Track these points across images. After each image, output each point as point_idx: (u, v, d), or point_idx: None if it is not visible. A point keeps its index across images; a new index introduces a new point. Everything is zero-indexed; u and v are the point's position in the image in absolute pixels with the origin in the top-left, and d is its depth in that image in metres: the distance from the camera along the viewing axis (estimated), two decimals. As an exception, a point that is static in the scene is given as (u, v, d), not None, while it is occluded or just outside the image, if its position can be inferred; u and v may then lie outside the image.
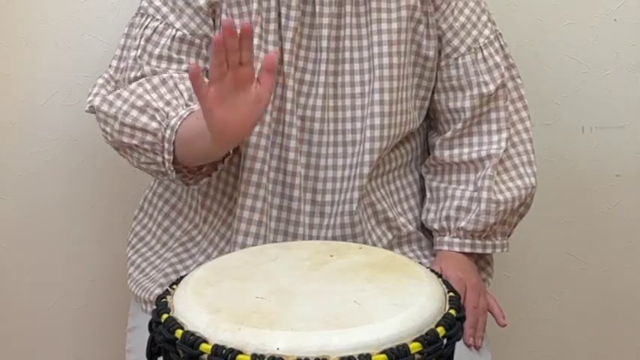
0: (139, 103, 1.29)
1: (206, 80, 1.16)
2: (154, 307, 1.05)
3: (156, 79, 1.31)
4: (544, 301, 1.84)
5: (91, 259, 1.74)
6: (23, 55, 1.66)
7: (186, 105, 1.28)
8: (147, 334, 1.05)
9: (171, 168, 1.28)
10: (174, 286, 1.09)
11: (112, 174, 1.71)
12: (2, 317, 1.75)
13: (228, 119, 1.16)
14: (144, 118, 1.28)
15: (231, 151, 1.30)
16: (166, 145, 1.26)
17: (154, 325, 1.04)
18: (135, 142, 1.29)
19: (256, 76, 1.17)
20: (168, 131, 1.26)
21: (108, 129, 1.32)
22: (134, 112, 1.29)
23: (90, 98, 1.35)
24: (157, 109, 1.28)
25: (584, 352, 1.86)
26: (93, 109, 1.34)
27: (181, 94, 1.29)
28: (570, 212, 1.80)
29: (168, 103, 1.28)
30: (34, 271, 1.74)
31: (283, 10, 1.34)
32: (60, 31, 1.65)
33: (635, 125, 1.75)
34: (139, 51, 1.34)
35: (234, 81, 1.15)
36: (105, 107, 1.32)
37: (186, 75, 1.31)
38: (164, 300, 1.06)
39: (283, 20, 1.34)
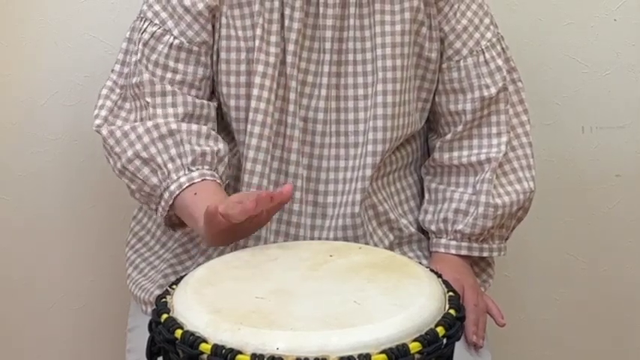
0: (144, 154, 1.31)
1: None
2: (154, 307, 1.05)
3: (164, 129, 1.31)
4: (544, 301, 1.84)
5: (91, 259, 1.74)
6: (23, 55, 1.66)
7: (188, 169, 1.29)
8: (147, 334, 1.05)
9: (162, 221, 1.34)
10: (174, 286, 1.09)
11: (112, 174, 1.70)
12: (2, 317, 1.75)
13: (224, 241, 1.23)
14: (146, 170, 1.31)
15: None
16: (162, 204, 1.30)
17: (153, 325, 1.04)
18: (133, 186, 1.33)
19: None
20: (167, 194, 1.29)
21: (111, 162, 1.36)
22: (137, 162, 1.31)
23: (96, 112, 1.37)
24: (159, 166, 1.30)
25: (583, 352, 1.86)
26: (96, 130, 1.37)
27: (185, 154, 1.30)
28: (570, 212, 1.80)
29: (171, 160, 1.30)
30: (34, 271, 1.74)
31: (287, 11, 1.34)
32: (60, 31, 1.66)
33: (635, 125, 1.76)
34: (139, 55, 1.35)
35: (249, 226, 1.17)
36: (111, 142, 1.34)
37: (194, 128, 1.32)
38: (164, 300, 1.06)
39: (287, 21, 1.34)
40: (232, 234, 1.19)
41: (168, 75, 1.34)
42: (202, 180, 1.28)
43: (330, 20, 1.35)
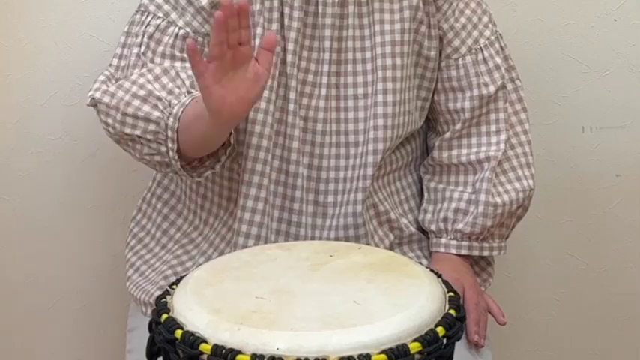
0: (141, 92, 1.28)
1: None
2: (154, 307, 1.05)
3: (157, 69, 1.30)
4: (544, 301, 1.84)
5: (91, 259, 1.74)
6: (23, 55, 1.66)
7: (188, 92, 1.27)
8: (147, 335, 1.05)
9: (176, 157, 1.26)
10: (174, 286, 1.09)
11: (111, 174, 1.71)
12: (2, 317, 1.75)
13: (225, 97, 1.15)
14: (146, 107, 1.27)
15: (232, 141, 1.30)
16: (169, 134, 1.25)
17: (153, 325, 1.04)
18: (137, 132, 1.28)
19: (255, 54, 1.17)
20: (171, 119, 1.25)
21: (110, 120, 1.31)
22: (136, 102, 1.28)
23: (90, 93, 1.35)
24: (159, 98, 1.27)
25: (584, 352, 1.86)
26: (94, 102, 1.33)
27: (183, 82, 1.28)
28: (570, 212, 1.80)
29: (170, 92, 1.27)
30: (34, 271, 1.74)
31: (286, 11, 1.34)
32: (60, 31, 1.66)
33: (635, 125, 1.75)
34: (143, 48, 1.34)
35: (233, 59, 1.14)
36: (106, 99, 1.30)
37: (187, 65, 1.29)
38: (164, 300, 1.06)
39: (286, 20, 1.34)
40: (230, 84, 1.14)
41: (177, 64, 1.33)
42: None
43: (329, 19, 1.35)
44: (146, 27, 1.34)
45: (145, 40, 1.34)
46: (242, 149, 1.35)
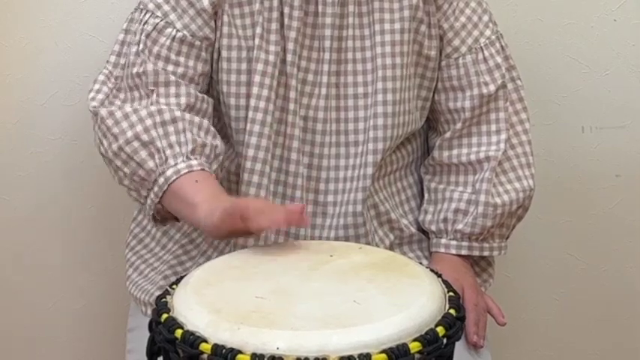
0: (144, 137, 1.27)
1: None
2: (154, 306, 1.05)
3: (167, 115, 1.29)
4: (544, 301, 1.84)
5: (90, 259, 1.74)
6: (23, 55, 1.66)
7: (187, 157, 1.26)
8: (147, 334, 1.05)
9: (151, 207, 1.28)
10: (174, 286, 1.09)
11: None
12: (2, 317, 1.75)
13: (224, 235, 1.19)
14: (143, 153, 1.27)
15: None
16: (155, 189, 1.26)
17: (153, 325, 1.04)
18: (126, 170, 1.29)
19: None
20: (162, 179, 1.25)
21: (105, 143, 1.31)
22: (136, 144, 1.28)
23: (92, 95, 1.34)
24: (158, 150, 1.27)
25: (584, 352, 1.86)
26: (96, 116, 1.33)
27: (186, 142, 1.27)
28: (570, 212, 1.80)
29: (171, 146, 1.27)
30: (34, 271, 1.74)
31: (286, 10, 1.34)
32: (60, 31, 1.66)
33: (635, 125, 1.76)
34: (141, 45, 1.33)
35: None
36: (110, 122, 1.30)
37: (196, 119, 1.30)
38: (164, 300, 1.06)
39: (286, 20, 1.34)
40: (235, 232, 1.17)
41: (170, 68, 1.33)
42: (201, 169, 1.25)
43: (329, 19, 1.35)
44: (144, 25, 1.34)
45: (143, 38, 1.33)
46: (242, 149, 1.35)
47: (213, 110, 1.36)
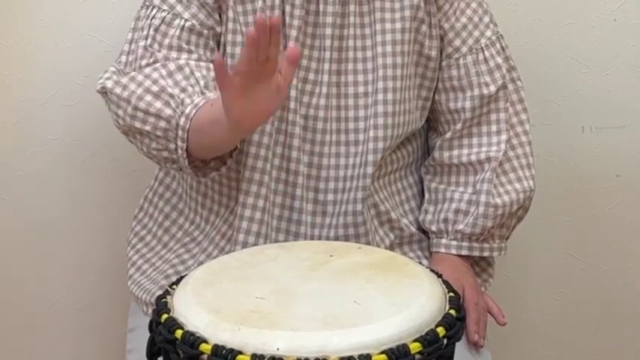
0: (154, 88, 1.27)
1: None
2: (154, 307, 1.05)
3: (172, 65, 1.29)
4: (544, 301, 1.84)
5: (91, 259, 1.74)
6: (23, 55, 1.66)
7: (202, 93, 1.26)
8: (147, 335, 1.05)
9: (184, 156, 1.26)
10: (174, 286, 1.09)
11: (112, 174, 1.71)
12: (2, 317, 1.75)
13: (247, 109, 1.15)
14: (158, 104, 1.26)
15: (238, 146, 1.30)
16: (180, 133, 1.25)
17: (153, 325, 1.04)
18: (147, 127, 1.27)
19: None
20: (183, 119, 1.24)
21: (120, 112, 1.30)
22: (148, 97, 1.27)
23: (101, 80, 1.33)
24: (171, 95, 1.26)
25: (583, 352, 1.86)
26: (104, 90, 1.32)
27: (197, 81, 1.28)
28: (570, 212, 1.80)
29: (183, 90, 1.26)
30: (34, 272, 1.74)
31: (287, 8, 1.34)
32: (60, 31, 1.65)
33: (635, 125, 1.75)
34: (149, 40, 1.33)
35: (259, 74, 1.13)
36: (118, 90, 1.29)
37: (202, 64, 1.30)
38: (164, 300, 1.06)
39: (287, 18, 1.34)
40: (253, 101, 1.13)
41: (184, 55, 1.32)
42: (218, 97, 1.21)
43: (330, 18, 1.35)
44: (152, 20, 1.34)
45: (152, 32, 1.33)
46: (243, 146, 1.35)
47: None
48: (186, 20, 1.33)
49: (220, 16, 1.35)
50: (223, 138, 1.22)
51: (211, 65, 1.30)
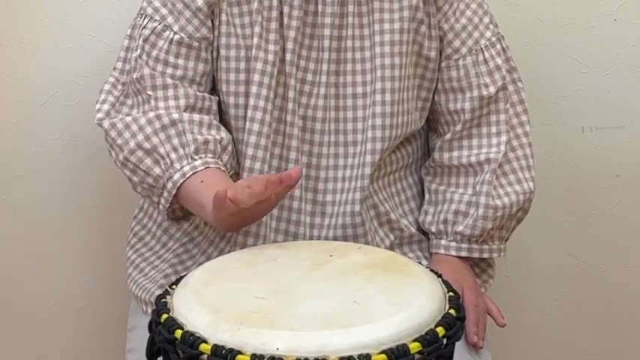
0: (146, 145, 1.31)
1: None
2: (154, 307, 1.05)
3: (166, 119, 1.31)
4: (544, 301, 1.84)
5: (91, 259, 1.74)
6: (23, 55, 1.66)
7: (192, 158, 1.29)
8: (147, 334, 1.05)
9: (165, 212, 1.33)
10: (174, 286, 1.09)
11: (112, 174, 1.71)
12: (2, 317, 1.75)
13: (233, 224, 1.21)
14: (148, 161, 1.30)
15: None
16: (165, 194, 1.30)
17: (153, 325, 1.04)
18: (136, 178, 1.33)
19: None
20: (170, 184, 1.29)
21: (113, 154, 1.35)
22: (139, 153, 1.31)
23: (98, 106, 1.37)
24: (162, 156, 1.30)
25: (583, 352, 1.86)
26: (99, 124, 1.37)
27: (188, 144, 1.30)
28: (570, 212, 1.80)
29: (174, 150, 1.30)
30: (34, 271, 1.74)
31: (285, 9, 1.34)
32: (60, 31, 1.66)
33: (635, 125, 1.76)
34: (139, 51, 1.35)
35: (258, 207, 1.15)
36: (113, 134, 1.34)
37: (196, 117, 1.32)
38: (163, 300, 1.06)
39: (285, 19, 1.34)
40: (242, 218, 1.19)
41: (169, 70, 1.34)
42: (205, 168, 1.28)
43: (328, 18, 1.35)
44: (143, 30, 1.35)
45: (141, 43, 1.35)
46: (241, 147, 1.35)
47: (218, 105, 1.38)
48: (175, 33, 1.34)
49: (213, 21, 1.35)
50: (207, 221, 1.29)
51: (205, 119, 1.33)
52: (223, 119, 1.39)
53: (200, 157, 1.29)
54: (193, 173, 1.27)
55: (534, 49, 1.72)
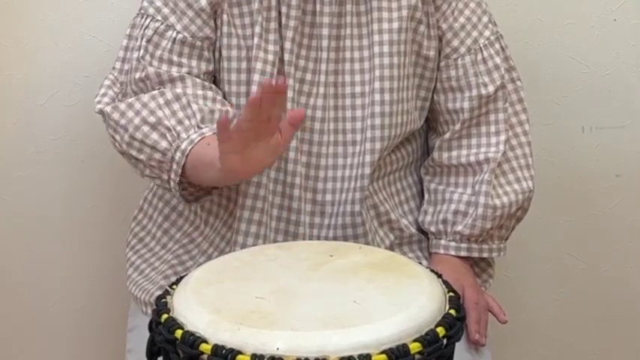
0: (151, 119, 1.28)
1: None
2: (154, 307, 1.05)
3: (169, 94, 1.30)
4: (544, 301, 1.84)
5: (91, 259, 1.75)
6: (23, 55, 1.66)
7: (198, 127, 1.27)
8: (147, 334, 1.05)
9: (176, 188, 1.28)
10: (174, 286, 1.09)
11: (112, 174, 1.71)
12: (2, 317, 1.75)
13: (241, 164, 1.15)
14: (154, 135, 1.28)
15: None
16: (174, 167, 1.26)
17: (153, 325, 1.04)
18: (142, 157, 1.29)
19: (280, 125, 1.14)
20: (178, 154, 1.25)
21: (117, 137, 1.32)
22: (145, 128, 1.28)
23: (98, 99, 1.36)
24: (168, 128, 1.27)
25: (583, 352, 1.86)
26: (102, 114, 1.34)
27: (194, 114, 1.28)
28: (570, 212, 1.80)
29: (180, 122, 1.27)
30: (34, 272, 1.74)
31: (284, 9, 1.34)
32: (60, 31, 1.66)
33: (635, 125, 1.76)
34: (142, 51, 1.34)
35: (259, 132, 1.12)
36: (116, 116, 1.31)
37: (199, 92, 1.31)
38: (164, 300, 1.06)
39: (284, 19, 1.34)
40: (248, 157, 1.14)
41: (174, 69, 1.33)
42: (213, 134, 1.23)
43: (327, 18, 1.35)
44: (145, 30, 1.35)
45: (144, 43, 1.34)
46: None
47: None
48: (178, 32, 1.34)
49: (215, 21, 1.35)
50: (217, 179, 1.23)
51: (208, 94, 1.31)
52: None
53: (207, 126, 1.27)
54: (201, 139, 1.25)
55: (534, 49, 1.72)
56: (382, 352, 0.95)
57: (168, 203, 1.47)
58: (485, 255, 1.43)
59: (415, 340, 0.97)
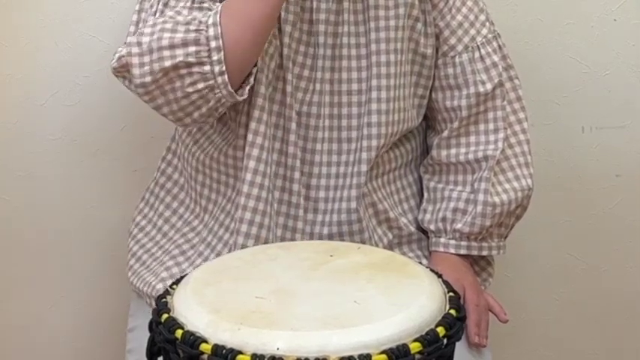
0: (168, 25, 1.24)
1: None
2: (154, 305, 1.05)
3: (180, 17, 1.26)
4: (544, 301, 1.84)
5: (91, 259, 1.74)
6: (23, 55, 1.66)
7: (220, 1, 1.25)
8: (147, 334, 1.05)
9: (222, 69, 1.22)
10: (175, 286, 1.09)
11: (112, 174, 1.71)
12: (2, 317, 1.75)
13: None
14: (180, 34, 1.23)
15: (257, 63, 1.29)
16: (212, 44, 1.22)
17: (153, 325, 1.04)
18: (179, 58, 1.22)
19: None
20: (211, 29, 1.22)
21: (146, 68, 1.23)
22: (167, 34, 1.23)
23: (114, 61, 1.28)
24: (187, 22, 1.23)
25: (583, 352, 1.86)
26: (121, 63, 1.26)
27: (210, 7, 1.26)
28: (570, 212, 1.80)
29: (195, 18, 1.24)
30: (34, 272, 1.74)
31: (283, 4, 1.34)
32: (60, 31, 1.65)
33: (635, 125, 1.76)
34: (158, 14, 1.30)
35: None
36: (135, 49, 1.24)
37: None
38: (164, 300, 1.06)
39: (283, 13, 1.34)
40: None
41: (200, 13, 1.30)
42: None
43: (323, 15, 1.35)
44: None
45: (161, 7, 1.30)
46: (242, 142, 1.35)
47: None
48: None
49: None
50: (257, 8, 1.21)
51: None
52: (224, 115, 1.38)
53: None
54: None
55: (534, 49, 1.72)
56: (382, 352, 0.95)
57: (170, 192, 1.47)
58: (484, 253, 1.43)
59: (415, 340, 0.97)
